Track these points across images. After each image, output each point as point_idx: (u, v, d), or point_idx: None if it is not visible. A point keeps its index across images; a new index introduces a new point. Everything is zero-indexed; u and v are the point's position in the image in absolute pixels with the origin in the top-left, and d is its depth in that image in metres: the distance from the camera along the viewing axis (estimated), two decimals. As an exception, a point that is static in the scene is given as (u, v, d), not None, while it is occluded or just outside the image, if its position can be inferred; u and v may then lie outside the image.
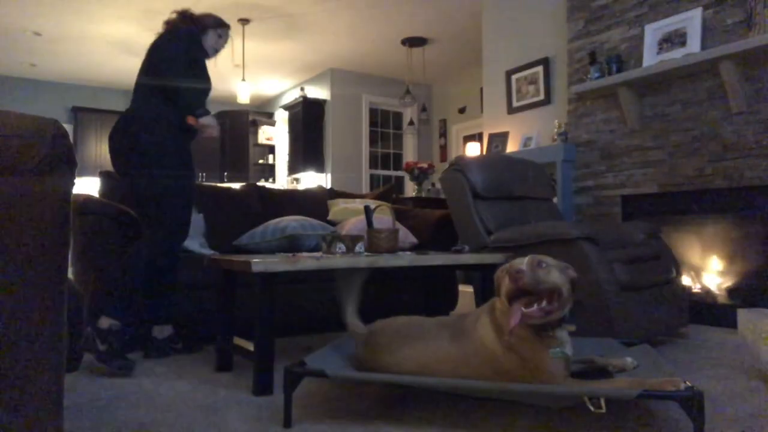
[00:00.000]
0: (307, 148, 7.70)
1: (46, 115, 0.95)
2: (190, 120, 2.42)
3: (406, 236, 3.31)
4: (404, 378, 1.60)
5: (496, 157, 3.35)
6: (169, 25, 2.54)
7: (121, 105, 8.62)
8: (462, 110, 7.70)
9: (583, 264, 2.40)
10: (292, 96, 8.32)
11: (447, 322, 1.71)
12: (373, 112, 8.05)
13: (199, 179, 8.53)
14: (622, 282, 2.42)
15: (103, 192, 3.00)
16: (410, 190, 7.24)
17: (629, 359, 1.74)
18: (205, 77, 2.51)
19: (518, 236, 2.67)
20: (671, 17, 3.55)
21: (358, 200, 3.78)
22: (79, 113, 8.21)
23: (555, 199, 4.18)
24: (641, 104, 3.75)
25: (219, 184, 6.90)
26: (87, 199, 2.62)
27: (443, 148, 8.04)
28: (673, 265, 2.84)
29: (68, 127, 8.10)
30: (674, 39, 3.51)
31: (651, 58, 3.61)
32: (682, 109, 3.52)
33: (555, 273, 1.52)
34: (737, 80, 3.19)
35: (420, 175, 5.87)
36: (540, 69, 4.68)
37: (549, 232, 2.55)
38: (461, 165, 3.01)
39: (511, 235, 2.71)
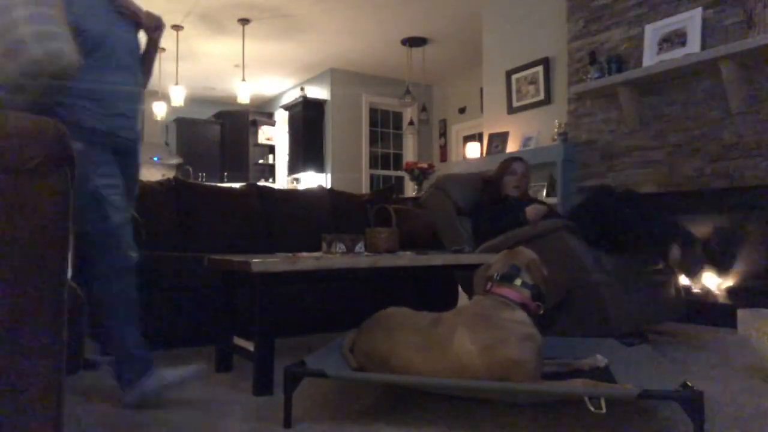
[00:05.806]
0: (307, 148, 7.70)
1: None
2: None
3: None
4: (404, 378, 1.60)
5: (473, 175, 3.46)
6: None
7: (121, 105, 8.60)
8: (462, 110, 7.70)
9: (568, 253, 2.48)
10: (292, 96, 8.31)
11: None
12: (373, 112, 8.05)
13: (199, 179, 8.52)
14: (608, 269, 2.48)
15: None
16: (410, 190, 7.23)
17: (599, 356, 1.82)
18: None
19: (503, 241, 2.74)
20: (671, 17, 3.55)
21: None
22: (79, 113, 8.18)
23: (555, 200, 4.18)
24: (641, 104, 3.75)
25: (219, 184, 6.90)
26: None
27: (443, 148, 8.03)
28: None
29: (68, 127, 8.07)
30: (674, 39, 3.51)
31: (651, 58, 3.60)
32: (682, 109, 3.52)
33: None
34: (737, 80, 3.18)
35: (420, 175, 5.88)
36: (540, 69, 4.68)
37: (531, 232, 2.65)
38: (443, 184, 3.18)
39: (497, 241, 2.79)
